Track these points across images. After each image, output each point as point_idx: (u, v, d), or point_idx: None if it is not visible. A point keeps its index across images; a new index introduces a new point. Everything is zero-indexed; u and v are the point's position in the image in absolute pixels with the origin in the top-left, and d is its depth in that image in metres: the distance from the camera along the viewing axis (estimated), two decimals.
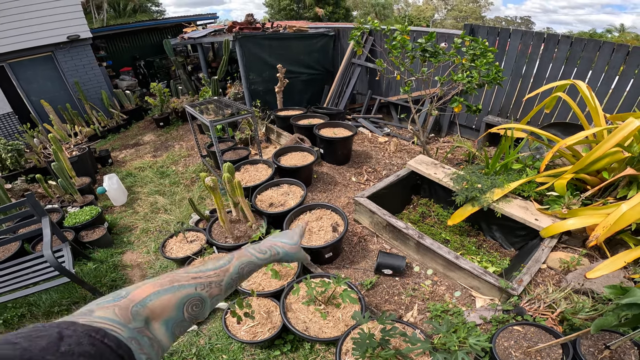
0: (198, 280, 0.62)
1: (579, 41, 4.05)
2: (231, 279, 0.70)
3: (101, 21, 12.66)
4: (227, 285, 0.68)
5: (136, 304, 0.50)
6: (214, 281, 0.65)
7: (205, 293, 0.62)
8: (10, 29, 6.59)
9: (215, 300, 0.65)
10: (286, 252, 0.90)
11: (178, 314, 0.56)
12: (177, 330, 0.56)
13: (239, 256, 0.76)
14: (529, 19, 47.18)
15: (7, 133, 7.15)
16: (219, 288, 0.66)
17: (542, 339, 1.95)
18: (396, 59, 3.78)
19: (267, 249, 0.85)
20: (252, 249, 0.81)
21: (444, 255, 2.60)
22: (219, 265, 0.69)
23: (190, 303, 0.59)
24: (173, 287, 0.57)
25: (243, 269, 0.74)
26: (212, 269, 0.67)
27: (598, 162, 2.72)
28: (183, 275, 0.62)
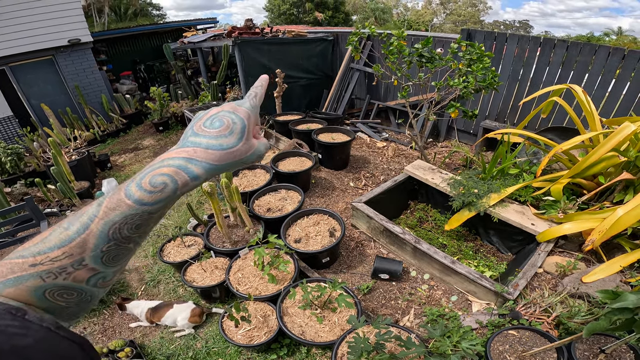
0: (39, 268, 0.41)
1: (575, 45, 4.08)
2: (102, 252, 0.44)
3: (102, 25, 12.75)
4: (100, 260, 0.44)
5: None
6: (67, 264, 0.42)
7: (64, 281, 0.43)
8: (12, 32, 6.66)
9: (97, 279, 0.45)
10: (212, 167, 0.48)
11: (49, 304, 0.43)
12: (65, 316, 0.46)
13: (107, 210, 0.44)
14: (527, 23, 47.41)
15: (7, 136, 7.19)
16: (86, 269, 0.44)
17: (537, 343, 1.96)
18: (393, 65, 3.81)
19: (166, 179, 0.45)
20: (136, 186, 0.45)
21: (441, 260, 2.61)
22: (66, 239, 0.43)
23: (53, 293, 0.42)
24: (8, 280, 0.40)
25: (119, 230, 0.44)
26: (57, 246, 0.42)
27: (594, 167, 2.74)
28: (17, 261, 0.41)
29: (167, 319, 2.69)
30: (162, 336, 2.71)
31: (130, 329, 2.82)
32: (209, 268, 2.93)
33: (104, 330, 2.84)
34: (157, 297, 3.11)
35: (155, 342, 2.67)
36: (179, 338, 2.67)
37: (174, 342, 2.65)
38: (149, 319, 2.75)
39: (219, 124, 0.49)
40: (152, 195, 0.44)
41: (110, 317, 2.95)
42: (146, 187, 0.44)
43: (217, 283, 2.76)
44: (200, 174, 0.47)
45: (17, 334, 0.33)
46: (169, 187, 0.45)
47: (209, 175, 0.48)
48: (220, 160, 0.48)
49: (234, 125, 0.50)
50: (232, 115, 0.51)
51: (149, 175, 0.45)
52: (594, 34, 33.24)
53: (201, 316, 2.70)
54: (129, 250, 0.47)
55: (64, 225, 0.44)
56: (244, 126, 0.50)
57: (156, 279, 3.28)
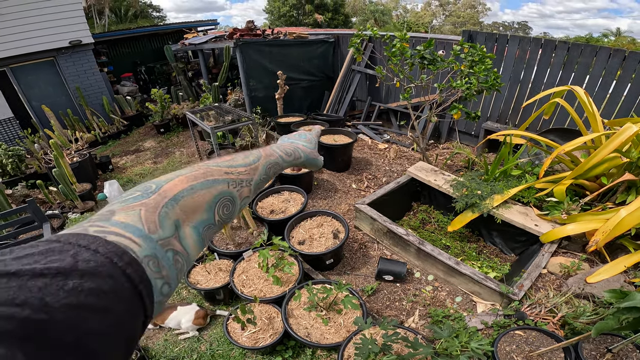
0: (230, 176, 0.53)
1: (576, 46, 4.10)
2: (260, 180, 0.61)
3: (103, 26, 12.76)
4: (255, 185, 0.60)
5: (167, 203, 0.41)
6: (245, 179, 0.56)
7: (237, 192, 0.54)
8: (13, 33, 6.66)
9: (244, 202, 0.57)
10: (307, 155, 0.80)
11: (209, 215, 0.48)
12: (206, 237, 0.48)
13: (266, 155, 0.66)
14: (526, 24, 47.63)
15: (8, 138, 7.18)
16: (249, 188, 0.58)
17: (543, 343, 1.96)
18: (395, 66, 3.82)
19: (291, 150, 0.75)
20: (278, 149, 0.71)
21: (445, 261, 2.61)
22: (248, 162, 0.60)
23: (222, 202, 0.50)
24: (207, 181, 0.48)
25: (270, 170, 0.65)
26: (243, 165, 0.58)
27: (597, 168, 2.75)
28: (216, 168, 0.52)
29: (170, 321, 2.68)
30: (166, 338, 2.70)
31: None
32: (212, 270, 2.93)
33: None
34: None
35: (159, 344, 2.67)
36: (183, 340, 2.66)
37: (178, 344, 2.64)
38: (153, 321, 2.74)
39: (305, 137, 0.86)
40: (286, 156, 0.72)
41: None
42: (283, 150, 0.73)
43: (221, 285, 2.76)
44: (302, 156, 0.79)
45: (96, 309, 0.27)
46: (292, 155, 0.75)
47: (304, 160, 0.80)
48: (309, 154, 0.81)
49: (312, 140, 0.87)
50: (310, 135, 0.88)
51: (283, 146, 0.75)
52: (593, 35, 33.40)
53: (205, 318, 2.70)
54: (262, 185, 0.65)
55: (242, 156, 0.61)
56: (315, 142, 0.88)
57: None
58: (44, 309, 0.24)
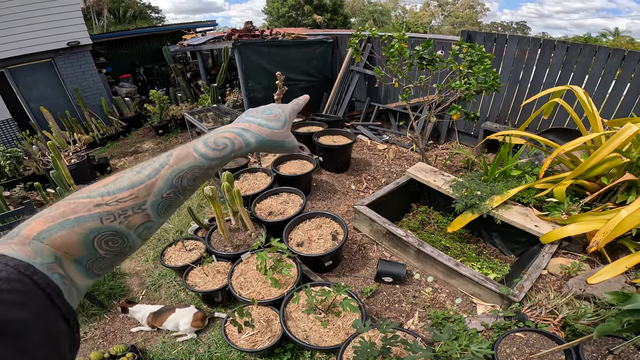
0: (104, 208, 0.44)
1: (575, 46, 4.09)
2: (162, 198, 0.49)
3: (101, 27, 12.74)
4: (157, 207, 0.49)
5: (30, 242, 0.40)
6: (129, 206, 0.46)
7: (119, 225, 0.45)
8: (11, 34, 6.62)
9: (143, 229, 0.49)
10: (262, 140, 0.61)
11: (89, 252, 0.44)
12: (96, 268, 0.45)
13: (177, 159, 0.51)
14: (524, 24, 47.62)
15: (5, 140, 7.15)
16: (142, 214, 0.47)
17: (544, 345, 1.94)
18: (394, 67, 3.80)
19: (227, 140, 0.57)
20: (203, 145, 0.55)
21: (445, 262, 2.60)
22: (137, 181, 0.48)
23: (101, 239, 0.44)
24: (67, 220, 0.43)
25: (182, 179, 0.51)
26: (127, 187, 0.47)
27: (597, 168, 2.73)
28: (82, 202, 0.45)
29: (168, 323, 2.67)
30: (164, 341, 2.68)
31: (132, 333, 2.80)
32: (210, 272, 2.91)
33: (105, 335, 2.82)
34: (159, 301, 3.09)
35: (157, 347, 2.65)
36: (181, 343, 2.64)
37: (176, 347, 2.62)
38: (151, 323, 2.72)
39: (269, 112, 0.65)
40: (214, 152, 0.55)
41: (111, 322, 2.93)
42: (211, 145, 0.55)
43: (219, 287, 2.74)
44: (252, 142, 0.60)
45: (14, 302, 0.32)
46: (228, 147, 0.57)
47: (258, 145, 0.61)
48: (268, 136, 0.62)
49: (280, 115, 0.66)
50: (279, 109, 0.67)
51: (214, 137, 0.56)
52: (591, 35, 33.40)
53: (203, 320, 2.68)
54: (178, 202, 0.53)
55: (136, 169, 0.49)
56: (286, 119, 0.66)
57: (157, 283, 3.26)
58: None
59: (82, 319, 2.92)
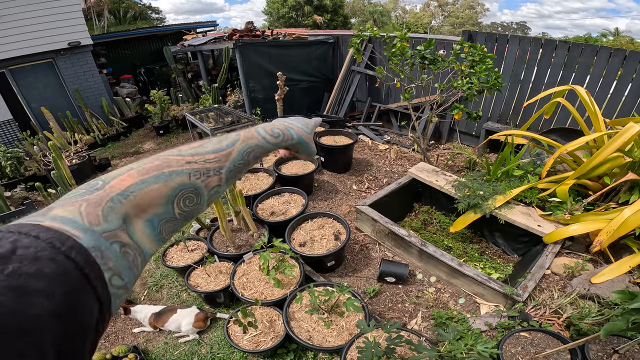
0: (193, 166, 0.49)
1: (576, 46, 4.09)
2: (234, 166, 0.56)
3: (102, 28, 12.73)
4: (228, 174, 0.55)
5: (113, 198, 0.39)
6: (212, 168, 0.51)
7: (201, 183, 0.50)
8: (12, 34, 6.62)
9: (213, 192, 0.53)
10: (301, 138, 0.72)
11: (167, 209, 0.45)
12: (164, 231, 0.46)
13: (245, 138, 0.59)
14: (524, 24, 47.73)
15: (7, 140, 7.15)
16: (219, 177, 0.53)
17: (549, 345, 1.93)
18: (396, 66, 3.80)
19: (280, 131, 0.67)
20: (263, 130, 0.64)
21: (448, 262, 2.59)
22: (220, 148, 0.55)
23: (183, 195, 0.47)
24: (162, 174, 0.45)
25: (249, 154, 0.59)
26: (212, 151, 0.53)
27: (599, 168, 2.73)
28: (175, 158, 0.48)
29: (170, 324, 2.66)
30: (166, 342, 2.67)
31: (134, 334, 2.79)
32: (213, 272, 2.90)
33: (107, 335, 2.81)
34: (161, 301, 3.08)
35: (159, 347, 2.64)
36: (183, 344, 2.63)
37: (178, 347, 2.62)
38: (153, 324, 2.71)
39: (302, 120, 0.77)
40: (272, 138, 0.65)
41: (113, 323, 2.92)
42: (269, 132, 0.65)
43: (221, 288, 2.73)
44: (295, 138, 0.70)
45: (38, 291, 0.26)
46: (281, 136, 0.67)
47: (297, 142, 0.71)
48: (304, 136, 0.73)
49: (309, 124, 0.78)
50: (307, 120, 0.79)
51: (270, 126, 0.66)
52: (592, 35, 33.44)
53: (205, 321, 2.67)
54: (241, 173, 0.60)
55: (216, 139, 0.56)
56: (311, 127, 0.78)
57: (159, 284, 3.25)
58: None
59: None
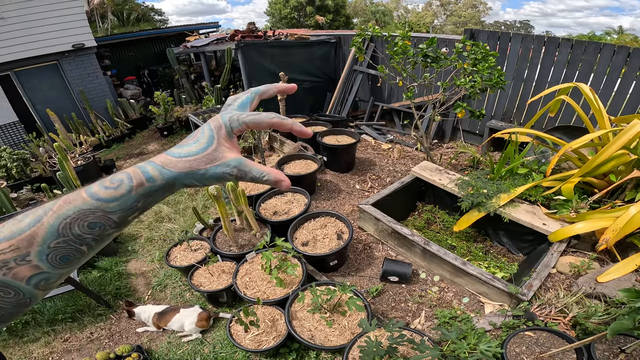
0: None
1: (580, 44, 4.05)
2: (49, 248, 0.42)
3: (105, 30, 12.84)
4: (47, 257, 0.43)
5: None
6: (10, 258, 0.41)
7: (4, 276, 0.41)
8: (16, 37, 6.66)
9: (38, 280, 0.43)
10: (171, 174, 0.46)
11: None
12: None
13: (62, 204, 0.43)
14: (527, 23, 47.37)
15: (13, 142, 7.20)
16: (29, 266, 0.42)
17: (554, 344, 1.91)
18: (398, 65, 3.79)
19: (125, 176, 0.46)
20: (98, 184, 0.45)
21: (451, 261, 2.57)
22: (18, 230, 0.42)
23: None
24: None
25: (70, 226, 0.43)
26: (6, 238, 0.41)
27: (604, 165, 2.70)
28: None
29: (174, 323, 2.66)
30: (170, 341, 2.68)
31: (137, 333, 2.80)
32: (215, 272, 2.91)
33: (111, 335, 2.82)
34: (164, 301, 3.09)
35: (163, 347, 2.65)
36: (186, 343, 2.64)
37: (181, 347, 2.62)
38: (156, 324, 2.72)
39: (191, 136, 0.49)
40: (107, 191, 0.44)
41: (117, 322, 2.93)
42: (107, 184, 0.45)
43: (224, 287, 2.74)
44: (155, 176, 0.46)
45: None
46: (125, 184, 0.45)
47: (165, 181, 0.46)
48: (175, 167, 0.47)
49: (202, 134, 0.49)
50: (205, 125, 0.50)
51: (113, 175, 0.46)
52: (595, 33, 33.15)
53: (208, 320, 2.68)
54: (80, 252, 0.45)
55: (19, 217, 0.43)
56: (212, 136, 0.49)
57: (163, 284, 3.26)
58: None
59: (88, 320, 2.93)
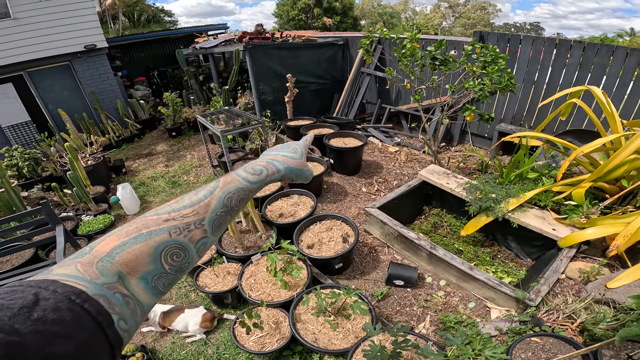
0: (171, 223, 0.51)
1: (592, 46, 3.99)
2: (217, 215, 0.56)
3: (117, 31, 13.03)
4: (212, 223, 0.56)
5: (101, 259, 0.43)
6: (192, 221, 0.53)
7: (184, 238, 0.51)
8: (29, 37, 6.81)
9: (201, 244, 0.54)
10: (289, 167, 0.73)
11: (156, 266, 0.48)
12: (160, 285, 0.49)
13: (225, 183, 0.60)
14: (538, 25, 46.90)
15: (25, 142, 7.35)
16: (202, 229, 0.54)
17: (561, 350, 1.88)
18: (406, 67, 3.77)
19: (262, 167, 0.68)
20: (244, 171, 0.65)
21: (458, 266, 2.54)
22: (196, 200, 0.56)
23: (168, 252, 0.49)
24: (141, 235, 0.47)
25: (231, 199, 0.59)
26: (189, 205, 0.54)
27: (616, 170, 2.65)
28: (152, 218, 0.51)
29: (178, 323, 2.67)
30: (174, 341, 2.69)
31: (142, 333, 2.82)
32: (221, 273, 2.92)
33: None
34: (169, 301, 3.11)
35: (167, 347, 2.66)
36: (190, 343, 2.65)
37: (185, 347, 2.63)
38: (161, 323, 2.73)
39: (288, 147, 0.79)
40: (254, 176, 0.65)
41: None
42: (250, 171, 0.66)
43: (229, 289, 2.74)
44: (281, 169, 0.72)
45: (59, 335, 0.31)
46: (264, 172, 0.68)
47: (285, 172, 0.73)
48: (291, 164, 0.75)
49: (297, 148, 0.80)
50: (295, 144, 0.81)
51: (251, 165, 0.68)
52: (607, 35, 32.63)
53: (212, 321, 2.68)
54: (227, 221, 0.60)
55: (193, 192, 0.58)
56: (302, 151, 0.81)
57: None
58: (15, 333, 0.28)
59: None
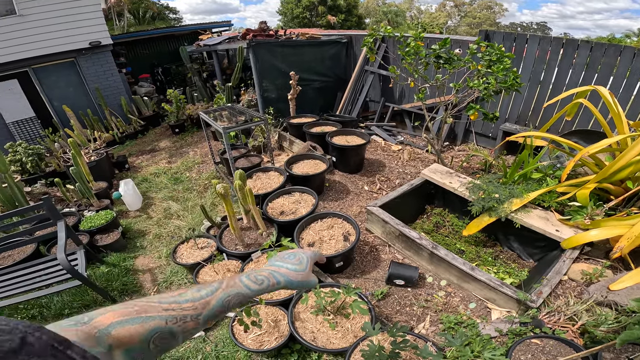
0: (170, 312, 0.57)
1: (599, 46, 3.93)
2: (212, 313, 0.63)
3: (122, 28, 13.05)
4: (205, 319, 0.62)
5: (100, 330, 0.48)
6: (189, 315, 0.59)
7: (177, 327, 0.57)
8: (35, 34, 6.84)
9: (188, 333, 0.60)
10: (289, 280, 0.78)
11: (143, 345, 0.53)
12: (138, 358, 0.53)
13: (227, 286, 0.67)
14: (545, 25, 46.49)
15: (29, 137, 7.39)
16: (195, 322, 0.60)
17: (561, 352, 1.85)
18: (410, 66, 3.74)
19: (264, 277, 0.74)
20: (246, 278, 0.72)
21: (459, 266, 2.52)
22: (199, 297, 0.62)
23: (159, 336, 0.54)
24: (140, 317, 0.53)
25: (229, 301, 0.66)
26: (190, 300, 0.61)
27: (622, 171, 2.61)
28: (154, 305, 0.57)
29: None
30: None
31: None
32: (221, 270, 2.91)
33: None
34: None
35: None
36: (189, 341, 2.65)
37: (183, 344, 2.63)
38: None
39: (293, 257, 0.83)
40: (255, 285, 0.71)
41: None
42: (252, 279, 0.72)
43: None
44: (281, 281, 0.77)
45: None
46: (265, 283, 0.73)
47: (286, 284, 0.78)
48: (293, 277, 0.79)
49: (302, 259, 0.84)
50: (302, 254, 0.85)
51: (254, 274, 0.74)
52: (615, 35, 32.30)
53: None
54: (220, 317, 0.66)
55: (196, 288, 0.65)
56: (307, 262, 0.84)
57: (169, 280, 3.29)
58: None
59: None
